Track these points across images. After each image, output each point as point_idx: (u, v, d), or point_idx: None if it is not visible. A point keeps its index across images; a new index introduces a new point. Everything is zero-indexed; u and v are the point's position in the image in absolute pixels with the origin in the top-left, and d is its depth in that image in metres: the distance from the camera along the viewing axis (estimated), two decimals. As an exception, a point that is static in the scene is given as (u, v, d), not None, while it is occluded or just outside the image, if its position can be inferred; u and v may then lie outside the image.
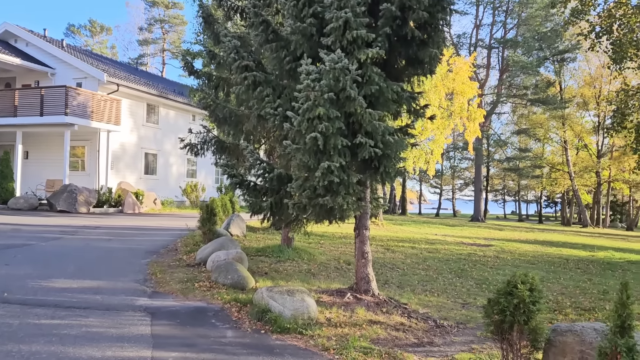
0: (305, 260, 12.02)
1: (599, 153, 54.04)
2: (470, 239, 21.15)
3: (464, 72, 22.90)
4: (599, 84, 53.73)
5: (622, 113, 9.34)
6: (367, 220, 8.50)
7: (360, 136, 6.84)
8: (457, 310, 8.78)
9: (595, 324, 5.10)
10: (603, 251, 20.77)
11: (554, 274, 13.62)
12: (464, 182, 70.25)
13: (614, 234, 40.40)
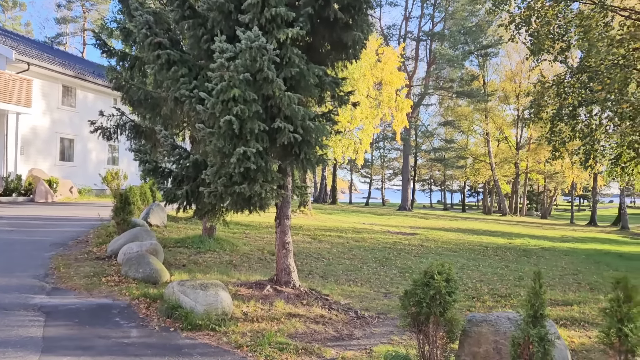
0: (227, 251, 11.55)
1: (517, 145, 57.00)
2: (396, 228, 21.46)
3: (393, 62, 23.08)
4: (519, 79, 56.49)
5: (539, 104, 9.60)
6: (289, 209, 8.18)
7: (279, 121, 6.48)
8: (379, 300, 8.70)
9: (509, 313, 5.09)
10: (520, 238, 21.81)
11: (474, 261, 14.01)
12: (393, 172, 71.91)
13: (530, 222, 42.82)
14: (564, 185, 61.61)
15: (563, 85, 9.42)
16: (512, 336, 4.30)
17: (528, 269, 13.28)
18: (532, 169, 58.41)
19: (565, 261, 15.44)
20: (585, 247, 20.74)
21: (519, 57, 56.76)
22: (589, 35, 8.96)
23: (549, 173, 58.88)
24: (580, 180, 54.97)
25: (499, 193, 55.39)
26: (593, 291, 10.43)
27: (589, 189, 78.52)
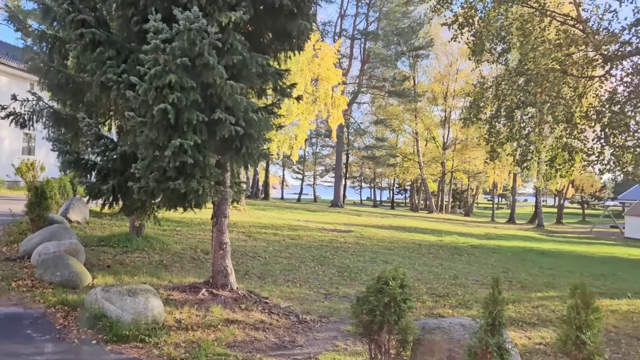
0: (157, 250, 10.79)
1: (444, 145, 59.07)
2: (331, 225, 21.33)
3: (329, 58, 22.90)
4: (447, 81, 58.59)
5: (478, 105, 9.66)
6: (227, 207, 7.67)
7: (219, 111, 5.96)
8: (320, 302, 8.38)
9: (462, 319, 4.92)
10: (449, 236, 22.37)
11: (409, 259, 14.08)
12: (325, 168, 72.15)
13: (455, 219, 44.44)
14: (486, 184, 64.54)
15: (502, 87, 9.55)
16: (469, 345, 4.11)
17: (461, 267, 13.54)
18: (457, 169, 60.79)
19: (494, 259, 15.94)
20: (510, 245, 21.64)
21: (447, 60, 58.90)
22: (528, 39, 9.12)
23: (473, 172, 61.60)
24: (500, 180, 57.77)
25: (427, 191, 57.16)
26: (524, 289, 10.71)
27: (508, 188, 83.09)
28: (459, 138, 59.81)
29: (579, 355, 3.88)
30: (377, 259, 13.39)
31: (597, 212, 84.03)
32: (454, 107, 60.46)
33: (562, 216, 59.80)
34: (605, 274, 14.33)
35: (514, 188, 54.58)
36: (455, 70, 58.20)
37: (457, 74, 58.37)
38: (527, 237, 30.04)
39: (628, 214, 43.68)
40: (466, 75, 58.29)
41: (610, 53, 8.44)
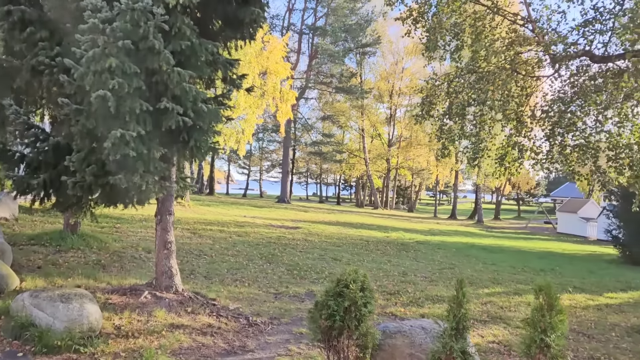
0: (94, 248, 10.10)
1: (389, 142, 59.97)
2: (278, 221, 20.97)
3: (278, 51, 22.45)
4: (393, 79, 59.46)
5: (430, 102, 9.62)
6: (172, 204, 7.20)
7: (165, 101, 5.51)
8: (270, 302, 8.06)
9: (422, 322, 4.76)
10: (395, 232, 22.57)
11: (358, 256, 14.00)
12: (272, 163, 71.48)
13: (400, 215, 45.17)
14: (429, 181, 66.13)
15: (453, 85, 9.55)
16: (432, 350, 3.94)
17: (409, 263, 13.59)
18: (402, 165, 61.91)
19: (440, 255, 16.15)
20: (453, 241, 22.10)
21: (393, 58, 59.73)
22: (479, 37, 9.15)
23: (417, 169, 62.92)
24: (443, 177, 59.31)
25: (372, 187, 57.82)
26: (472, 286, 10.83)
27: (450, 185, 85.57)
28: (403, 135, 60.90)
29: (543, 358, 3.79)
30: (326, 256, 13.20)
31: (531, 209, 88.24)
32: (399, 105, 61.51)
33: (499, 212, 62.21)
34: (544, 269, 14.84)
35: (456, 185, 56.19)
36: (401, 68, 59.17)
37: (403, 72, 59.37)
38: (468, 232, 30.90)
39: (560, 210, 45.93)
40: (411, 74, 59.43)
41: (557, 54, 8.59)
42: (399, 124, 60.76)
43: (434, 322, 4.64)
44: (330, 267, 11.66)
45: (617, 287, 12.53)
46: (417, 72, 59.60)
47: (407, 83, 59.63)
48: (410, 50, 57.18)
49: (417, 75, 59.83)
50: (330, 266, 11.75)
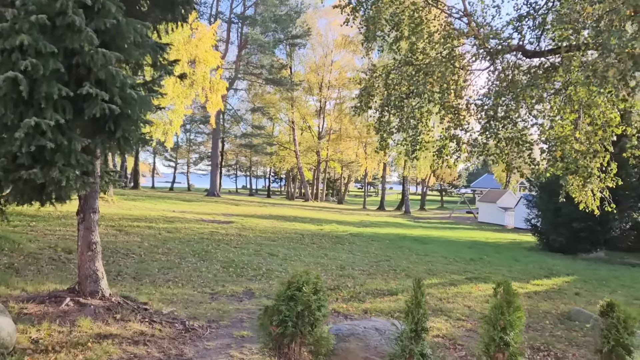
0: (5, 250, 9.11)
1: (319, 135, 60.18)
2: (210, 216, 20.25)
3: (208, 39, 21.57)
4: (322, 72, 59.61)
5: (369, 93, 9.47)
6: (96, 201, 6.53)
7: (88, 85, 4.90)
8: (207, 303, 7.59)
9: (375, 322, 4.55)
10: (328, 224, 22.53)
11: (294, 250, 13.72)
12: (199, 156, 69.52)
13: (330, 207, 45.45)
14: (358, 173, 67.15)
15: (391, 76, 9.45)
16: (390, 354, 3.73)
17: (345, 256, 13.51)
18: (332, 158, 62.40)
19: (375, 247, 16.24)
20: (385, 232, 22.40)
21: (322, 51, 59.85)
22: (417, 29, 9.10)
23: (346, 162, 63.66)
24: (371, 169, 60.35)
25: (303, 180, 57.76)
26: (410, 278, 10.87)
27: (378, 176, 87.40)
28: (333, 128, 61.34)
29: (502, 357, 3.68)
30: (262, 251, 12.81)
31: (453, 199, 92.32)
32: (329, 97, 61.83)
33: (425, 203, 64.43)
34: (474, 258, 15.32)
35: (384, 177, 57.39)
36: (330, 61, 59.42)
37: (332, 65, 59.66)
38: (398, 223, 31.57)
39: (481, 200, 48.18)
40: (340, 67, 59.85)
41: (492, 48, 8.71)
42: (328, 116, 61.08)
43: (389, 323, 4.45)
44: (267, 263, 11.30)
45: (541, 274, 13.14)
46: (346, 65, 60.17)
47: (336, 76, 60.03)
48: (339, 44, 57.54)
49: (346, 68, 60.42)
50: (267, 262, 11.39)
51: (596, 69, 6.50)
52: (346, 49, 57.90)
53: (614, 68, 6.03)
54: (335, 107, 61.08)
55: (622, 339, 3.47)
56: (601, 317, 3.68)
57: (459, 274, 11.90)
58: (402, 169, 52.09)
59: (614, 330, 3.52)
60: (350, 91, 61.11)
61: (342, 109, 59.64)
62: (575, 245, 20.02)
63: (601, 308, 3.73)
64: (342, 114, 59.41)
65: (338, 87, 60.64)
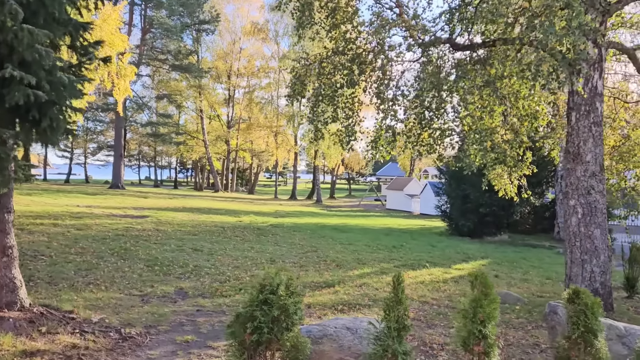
0: None
1: (229, 124, 58.92)
2: (120, 210, 18.97)
3: (114, 20, 20.02)
4: (231, 59, 58.29)
5: (302, 82, 9.26)
6: (11, 199, 5.75)
7: (11, 68, 4.22)
8: (139, 307, 7.02)
9: (344, 321, 4.40)
10: (246, 216, 22.10)
11: (219, 244, 13.23)
12: (99, 145, 65.17)
13: (242, 198, 44.75)
14: (269, 162, 66.84)
15: (324, 65, 9.32)
16: (369, 354, 3.60)
17: (272, 249, 13.27)
18: (242, 147, 61.44)
19: (298, 237, 16.15)
20: (304, 222, 22.42)
21: (230, 38, 58.50)
22: (351, 18, 9.04)
23: (257, 151, 63.01)
24: (282, 159, 60.23)
25: (212, 170, 56.29)
26: (341, 268, 10.91)
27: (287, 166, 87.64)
28: (243, 117, 60.33)
29: (479, 349, 3.70)
30: (185, 246, 12.19)
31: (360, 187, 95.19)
32: (238, 86, 60.66)
33: (334, 191, 65.67)
34: (395, 245, 15.77)
35: (295, 166, 57.55)
36: (239, 49, 58.27)
37: (241, 52, 58.55)
38: (312, 212, 31.79)
39: (389, 188, 50.00)
40: (249, 55, 58.86)
41: (423, 40, 8.88)
42: (238, 105, 59.98)
43: (357, 320, 4.33)
44: (193, 259, 10.76)
45: (459, 258, 13.83)
46: (255, 54, 59.30)
47: (245, 64, 58.98)
48: (248, 31, 56.52)
49: (256, 56, 59.56)
50: (193, 258, 10.85)
51: (530, 63, 6.83)
52: (255, 36, 57.05)
53: (547, 62, 6.34)
54: (244, 96, 60.08)
55: (591, 325, 3.63)
56: (568, 304, 3.83)
57: (386, 262, 12.16)
58: (312, 158, 52.54)
59: (582, 316, 3.68)
60: (259, 80, 60.49)
61: (252, 98, 58.81)
62: (481, 230, 21.37)
63: (567, 295, 3.89)
64: (252, 103, 58.62)
65: (247, 75, 59.66)
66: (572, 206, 7.58)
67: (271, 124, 55.14)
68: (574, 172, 7.56)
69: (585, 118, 7.52)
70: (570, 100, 7.75)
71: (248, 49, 59.21)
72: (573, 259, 7.60)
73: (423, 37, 8.88)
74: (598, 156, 7.49)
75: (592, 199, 7.43)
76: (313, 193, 56.90)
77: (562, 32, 6.13)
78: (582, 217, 7.47)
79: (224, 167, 63.60)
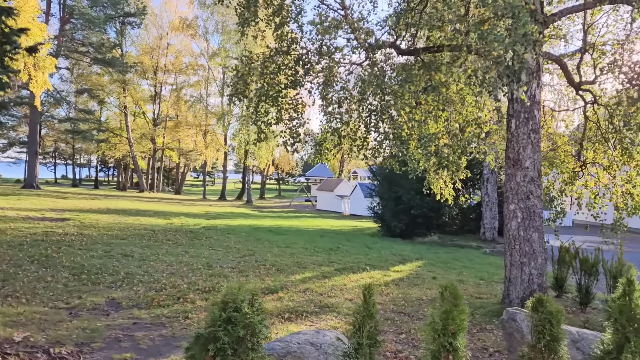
0: None
1: (155, 121, 56.75)
2: (37, 212, 17.54)
3: (31, 8, 18.49)
4: (157, 55, 56.27)
5: (245, 81, 8.92)
6: None
7: None
8: (67, 321, 6.40)
9: (306, 335, 4.16)
10: (177, 218, 21.29)
11: (150, 249, 12.53)
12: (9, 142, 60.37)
13: (169, 198, 43.24)
14: (197, 162, 65.11)
15: (267, 65, 9.04)
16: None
17: (207, 253, 12.77)
18: (169, 146, 59.42)
19: (233, 240, 15.69)
20: (237, 224, 21.91)
21: (157, 32, 56.53)
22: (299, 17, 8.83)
23: (185, 150, 61.15)
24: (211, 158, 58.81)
25: (137, 169, 53.90)
26: (282, 273, 10.65)
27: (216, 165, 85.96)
28: (170, 115, 58.33)
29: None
30: (114, 252, 11.42)
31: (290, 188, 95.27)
32: (165, 82, 58.63)
33: (264, 192, 65.07)
34: (332, 248, 15.73)
35: (225, 166, 56.38)
36: (166, 44, 56.43)
37: (168, 48, 56.72)
38: (244, 214, 31.26)
39: (319, 189, 50.28)
40: (177, 51, 57.02)
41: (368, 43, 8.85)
42: (165, 102, 57.97)
43: (318, 334, 4.13)
44: (124, 265, 10.07)
45: (396, 260, 14.02)
46: (183, 50, 57.55)
47: (172, 60, 57.12)
48: (176, 26, 54.75)
49: (184, 52, 57.79)
50: (123, 265, 10.16)
51: (475, 70, 6.95)
52: (184, 32, 55.41)
53: (494, 70, 6.47)
54: (172, 93, 58.14)
55: (556, 333, 3.66)
56: (533, 313, 3.84)
57: (326, 265, 12.05)
58: (242, 158, 51.74)
59: (548, 325, 3.70)
60: (188, 77, 58.70)
61: (180, 96, 57.03)
62: (413, 231, 21.92)
63: (532, 303, 3.90)
64: (180, 101, 56.89)
65: (175, 72, 57.84)
66: (512, 210, 7.83)
67: (200, 122, 53.68)
68: (514, 177, 7.81)
69: (524, 125, 7.78)
70: (510, 107, 8.00)
71: (176, 44, 57.50)
72: (513, 261, 7.85)
73: (367, 39, 8.84)
74: (536, 162, 7.78)
75: (531, 204, 7.70)
76: (243, 193, 56.05)
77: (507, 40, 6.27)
78: (522, 221, 7.72)
79: (149, 166, 61.16)
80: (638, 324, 3.85)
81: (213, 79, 53.80)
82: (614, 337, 3.92)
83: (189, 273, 10.00)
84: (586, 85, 9.60)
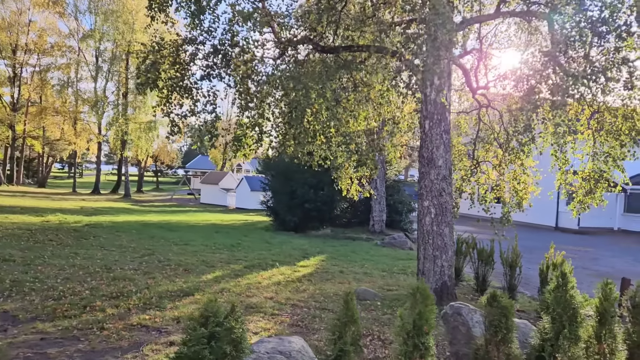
0: None
1: (14, 106, 50.96)
2: None
3: None
4: (16, 31, 50.53)
5: (157, 69, 8.29)
6: None
7: None
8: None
9: (273, 344, 3.97)
10: (52, 214, 19.39)
11: (32, 251, 11.21)
12: None
13: (35, 192, 39.27)
14: (64, 152, 59.84)
15: (180, 53, 8.51)
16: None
17: (101, 254, 11.77)
18: (31, 134, 53.70)
19: (125, 239, 14.64)
20: (123, 220, 20.53)
21: (15, 6, 50.75)
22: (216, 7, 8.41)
23: (50, 140, 55.66)
24: (81, 149, 54.33)
25: (-6, 159, 47.94)
26: (191, 273, 10.14)
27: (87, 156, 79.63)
28: (33, 100, 52.68)
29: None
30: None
31: (168, 180, 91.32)
32: (26, 63, 52.75)
33: (142, 185, 61.63)
34: (232, 244, 15.38)
35: (99, 157, 52.32)
36: (27, 20, 50.89)
37: (29, 25, 51.18)
38: (125, 209, 29.43)
39: (203, 182, 48.89)
40: (41, 29, 51.51)
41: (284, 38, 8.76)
42: (26, 86, 52.13)
43: (284, 341, 3.99)
44: (6, 272, 8.86)
45: (299, 254, 14.10)
46: (48, 29, 52.18)
47: (34, 39, 51.59)
48: (39, 2, 49.43)
49: (49, 32, 52.41)
50: (5, 271, 8.93)
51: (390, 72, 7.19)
52: (49, 9, 50.32)
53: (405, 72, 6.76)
54: (35, 76, 52.44)
55: (510, 326, 3.94)
56: (488, 307, 4.09)
57: (233, 262, 11.74)
58: (119, 149, 48.54)
59: (504, 319, 3.96)
60: (54, 59, 53.32)
61: (46, 79, 51.69)
62: (306, 224, 22.24)
63: (486, 299, 4.15)
64: (46, 85, 51.61)
65: (38, 52, 52.19)
66: (426, 207, 8.27)
67: (69, 109, 49.15)
68: (427, 175, 8.25)
69: (437, 126, 8.24)
70: (423, 109, 8.41)
71: (39, 22, 51.98)
72: (426, 255, 8.29)
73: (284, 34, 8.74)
74: (448, 161, 8.29)
75: (443, 200, 8.20)
76: (119, 186, 52.59)
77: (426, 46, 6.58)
78: (435, 216, 8.19)
79: (7, 156, 54.68)
80: (572, 312, 4.28)
81: (85, 63, 49.68)
82: (552, 326, 4.32)
83: (87, 277, 9.11)
84: (482, 90, 10.44)
